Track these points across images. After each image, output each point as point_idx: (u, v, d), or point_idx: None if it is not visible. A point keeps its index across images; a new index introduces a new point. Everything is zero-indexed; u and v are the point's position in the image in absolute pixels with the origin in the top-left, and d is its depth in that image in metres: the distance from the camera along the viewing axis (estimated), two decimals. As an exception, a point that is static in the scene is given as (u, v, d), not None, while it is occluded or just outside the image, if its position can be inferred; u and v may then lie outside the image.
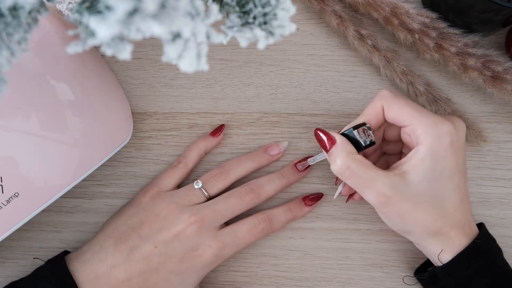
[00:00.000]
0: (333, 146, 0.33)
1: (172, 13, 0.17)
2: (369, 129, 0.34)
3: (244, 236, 0.37)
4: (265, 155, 0.40)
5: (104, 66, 0.40)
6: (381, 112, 0.34)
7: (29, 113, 0.32)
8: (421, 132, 0.32)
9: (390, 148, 0.38)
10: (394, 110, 0.33)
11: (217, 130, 0.40)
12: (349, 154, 0.33)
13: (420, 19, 0.37)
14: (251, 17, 0.22)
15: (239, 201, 0.37)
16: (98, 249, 0.36)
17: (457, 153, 0.32)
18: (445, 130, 0.32)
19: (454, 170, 0.32)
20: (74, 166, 0.34)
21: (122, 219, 0.37)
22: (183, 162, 0.39)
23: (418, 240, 0.34)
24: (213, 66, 0.41)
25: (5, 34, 0.20)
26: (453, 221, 0.32)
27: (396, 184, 0.31)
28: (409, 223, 0.32)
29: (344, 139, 0.33)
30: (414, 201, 0.31)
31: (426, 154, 0.31)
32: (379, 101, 0.34)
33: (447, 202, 0.32)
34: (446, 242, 0.33)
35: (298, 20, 0.41)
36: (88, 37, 0.18)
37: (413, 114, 0.32)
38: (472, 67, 0.37)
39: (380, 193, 0.31)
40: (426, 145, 0.31)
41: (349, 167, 0.32)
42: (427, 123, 0.32)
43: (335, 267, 0.40)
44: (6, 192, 0.32)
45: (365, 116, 0.34)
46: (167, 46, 0.18)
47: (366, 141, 0.34)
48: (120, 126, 0.38)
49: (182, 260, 0.35)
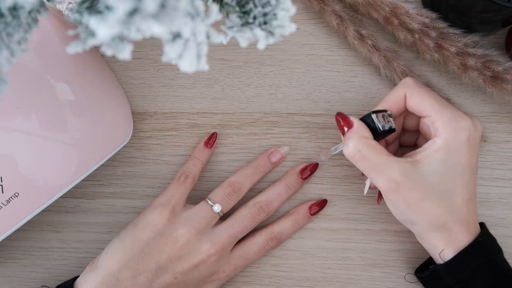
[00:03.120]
0: (349, 130, 0.33)
1: (172, 13, 0.17)
2: (390, 116, 0.34)
3: (253, 256, 0.38)
4: (268, 164, 0.40)
5: (104, 66, 0.40)
6: (402, 100, 0.34)
7: (29, 113, 0.32)
8: (440, 124, 0.32)
9: (406, 138, 0.38)
10: (416, 99, 0.33)
11: (209, 139, 0.40)
12: (362, 138, 0.32)
13: (420, 19, 0.37)
14: (251, 17, 0.22)
15: (252, 222, 0.38)
16: (114, 282, 0.34)
17: (471, 150, 0.32)
18: (464, 125, 0.32)
19: (466, 166, 0.32)
20: (74, 166, 0.34)
21: (138, 245, 0.35)
22: (191, 177, 0.39)
23: (421, 231, 0.33)
24: (213, 66, 0.41)
25: (5, 34, 0.20)
26: (459, 217, 0.32)
27: (407, 172, 0.31)
28: (415, 213, 0.32)
29: (361, 124, 0.33)
30: (423, 191, 0.31)
31: (442, 146, 0.31)
32: (401, 89, 0.34)
33: (456, 197, 0.32)
34: (449, 237, 0.32)
35: (298, 20, 0.41)
36: (88, 37, 0.18)
37: (434, 106, 0.32)
38: (472, 67, 0.37)
39: (390, 179, 0.31)
40: (443, 137, 0.31)
41: (360, 150, 0.32)
42: (447, 116, 0.32)
43: (335, 267, 0.40)
44: (6, 192, 0.32)
45: (387, 103, 0.34)
46: (167, 46, 0.18)
47: (385, 127, 0.33)
48: (120, 126, 0.38)
49: (197, 286, 0.36)
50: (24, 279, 0.41)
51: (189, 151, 0.41)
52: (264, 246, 0.38)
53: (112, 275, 0.34)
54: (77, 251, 0.41)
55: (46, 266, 0.41)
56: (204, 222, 0.36)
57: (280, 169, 0.41)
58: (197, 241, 0.35)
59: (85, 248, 0.41)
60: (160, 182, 0.41)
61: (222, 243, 0.36)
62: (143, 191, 0.41)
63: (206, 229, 0.36)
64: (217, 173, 0.41)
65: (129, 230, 0.36)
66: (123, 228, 0.37)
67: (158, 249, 0.35)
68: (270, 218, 0.39)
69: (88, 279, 0.35)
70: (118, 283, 0.34)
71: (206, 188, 0.40)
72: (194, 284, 0.36)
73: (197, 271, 0.35)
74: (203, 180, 0.41)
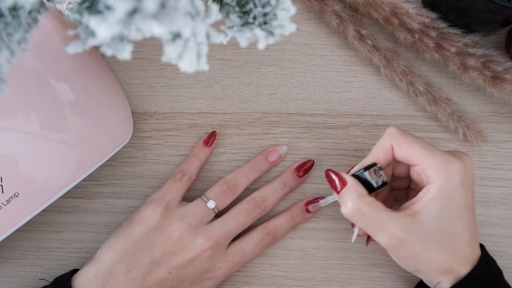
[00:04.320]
0: (343, 188, 0.33)
1: (172, 13, 0.17)
2: (380, 169, 0.33)
3: (250, 253, 0.38)
4: (266, 163, 0.40)
5: (104, 66, 0.40)
6: (390, 151, 0.33)
7: (29, 113, 0.32)
8: (432, 171, 0.31)
9: (398, 183, 0.38)
10: (404, 149, 0.32)
11: (208, 138, 0.40)
12: (360, 196, 0.32)
13: (420, 19, 0.37)
14: (251, 17, 0.22)
15: (247, 218, 0.37)
16: (107, 276, 0.34)
17: (467, 192, 0.32)
18: (456, 169, 0.31)
19: (464, 209, 0.32)
20: (74, 166, 0.34)
21: (131, 240, 0.35)
22: (187, 175, 0.39)
23: (429, 278, 0.33)
24: (213, 66, 0.41)
25: (5, 34, 0.20)
26: (463, 258, 0.32)
27: (408, 226, 0.31)
28: (421, 264, 0.32)
29: (355, 181, 0.33)
30: (425, 241, 0.31)
31: (437, 194, 0.31)
32: (387, 140, 0.33)
33: (457, 240, 0.32)
34: (454, 277, 0.32)
35: (298, 20, 0.41)
36: (88, 37, 0.18)
37: (423, 153, 0.32)
38: (472, 67, 0.37)
39: (392, 235, 0.31)
40: (437, 185, 0.31)
41: (360, 209, 0.32)
42: (438, 162, 0.31)
43: (335, 267, 0.40)
44: (6, 192, 0.32)
45: (374, 155, 0.34)
46: (167, 46, 0.18)
47: (378, 182, 0.33)
48: (120, 126, 0.38)
49: (193, 283, 0.36)
50: (24, 279, 0.41)
51: (189, 151, 0.41)
52: (260, 241, 0.38)
53: (106, 269, 0.34)
54: (77, 251, 0.41)
55: (46, 266, 0.41)
56: (198, 217, 0.36)
57: (280, 169, 0.41)
58: (191, 236, 0.35)
59: (85, 248, 0.41)
60: (160, 182, 0.41)
61: (217, 238, 0.36)
62: (143, 191, 0.41)
63: (200, 225, 0.36)
64: (217, 173, 0.41)
65: (123, 226, 0.37)
66: (120, 224, 0.38)
67: (152, 244, 0.35)
68: (267, 217, 0.39)
69: (84, 272, 0.35)
70: (111, 277, 0.34)
71: (205, 188, 0.40)
72: (189, 280, 0.36)
73: (192, 266, 0.35)
74: (203, 180, 0.41)
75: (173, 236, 0.35)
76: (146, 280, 0.34)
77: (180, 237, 0.35)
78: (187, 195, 0.40)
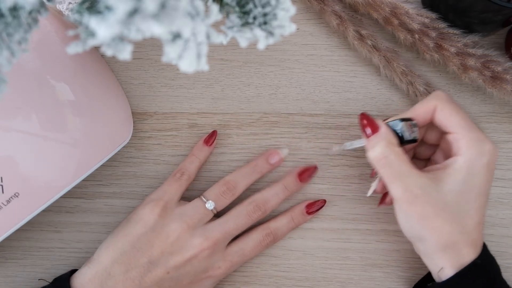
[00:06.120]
0: (375, 133, 0.33)
1: (172, 13, 0.17)
2: (415, 126, 0.33)
3: (250, 253, 0.38)
4: (266, 165, 0.40)
5: (104, 66, 0.40)
6: (431, 112, 0.33)
7: (29, 113, 0.32)
8: (465, 143, 0.32)
9: (421, 151, 0.38)
10: (446, 112, 0.33)
11: (209, 137, 0.40)
12: (389, 144, 0.32)
13: (420, 19, 0.37)
14: (251, 17, 0.22)
15: (247, 220, 0.37)
16: (106, 277, 0.34)
17: (489, 175, 0.32)
18: (487, 149, 0.32)
19: (482, 190, 0.32)
20: (74, 166, 0.34)
21: (129, 240, 0.35)
22: (186, 174, 0.39)
23: (429, 250, 0.33)
24: (213, 66, 0.41)
25: (5, 34, 0.20)
26: (469, 238, 0.32)
27: (427, 186, 0.31)
28: (427, 229, 0.32)
29: (388, 129, 0.33)
30: (438, 207, 0.31)
31: (463, 167, 0.31)
32: (432, 100, 0.33)
33: (468, 219, 0.32)
34: (455, 257, 0.32)
35: (298, 20, 0.41)
36: (88, 37, 0.18)
37: (462, 124, 0.32)
38: (472, 67, 0.37)
39: (408, 189, 0.31)
40: (466, 158, 0.31)
41: (387, 157, 0.32)
42: (473, 137, 0.32)
43: (335, 267, 0.40)
44: (6, 192, 0.32)
45: (414, 112, 0.34)
46: (167, 46, 0.18)
47: (410, 136, 0.33)
48: (120, 126, 0.38)
49: (192, 282, 0.36)
50: (24, 279, 0.41)
51: (189, 151, 0.41)
52: (260, 242, 0.38)
53: (104, 270, 0.34)
54: (77, 251, 0.41)
55: (46, 266, 0.41)
56: (196, 218, 0.36)
57: (280, 169, 0.41)
58: (189, 236, 0.35)
59: (85, 248, 0.41)
60: (160, 182, 0.41)
61: (215, 238, 0.36)
62: (143, 191, 0.41)
63: (198, 225, 0.36)
64: (217, 173, 0.41)
65: (121, 226, 0.37)
66: (118, 224, 0.38)
67: (150, 244, 0.35)
68: (267, 217, 0.39)
69: (82, 273, 0.35)
70: (110, 277, 0.34)
71: (205, 189, 0.40)
72: (188, 280, 0.35)
73: (190, 266, 0.35)
74: (203, 180, 0.41)
75: (171, 236, 0.35)
76: (144, 280, 0.34)
77: (178, 237, 0.35)
78: (186, 195, 0.40)
